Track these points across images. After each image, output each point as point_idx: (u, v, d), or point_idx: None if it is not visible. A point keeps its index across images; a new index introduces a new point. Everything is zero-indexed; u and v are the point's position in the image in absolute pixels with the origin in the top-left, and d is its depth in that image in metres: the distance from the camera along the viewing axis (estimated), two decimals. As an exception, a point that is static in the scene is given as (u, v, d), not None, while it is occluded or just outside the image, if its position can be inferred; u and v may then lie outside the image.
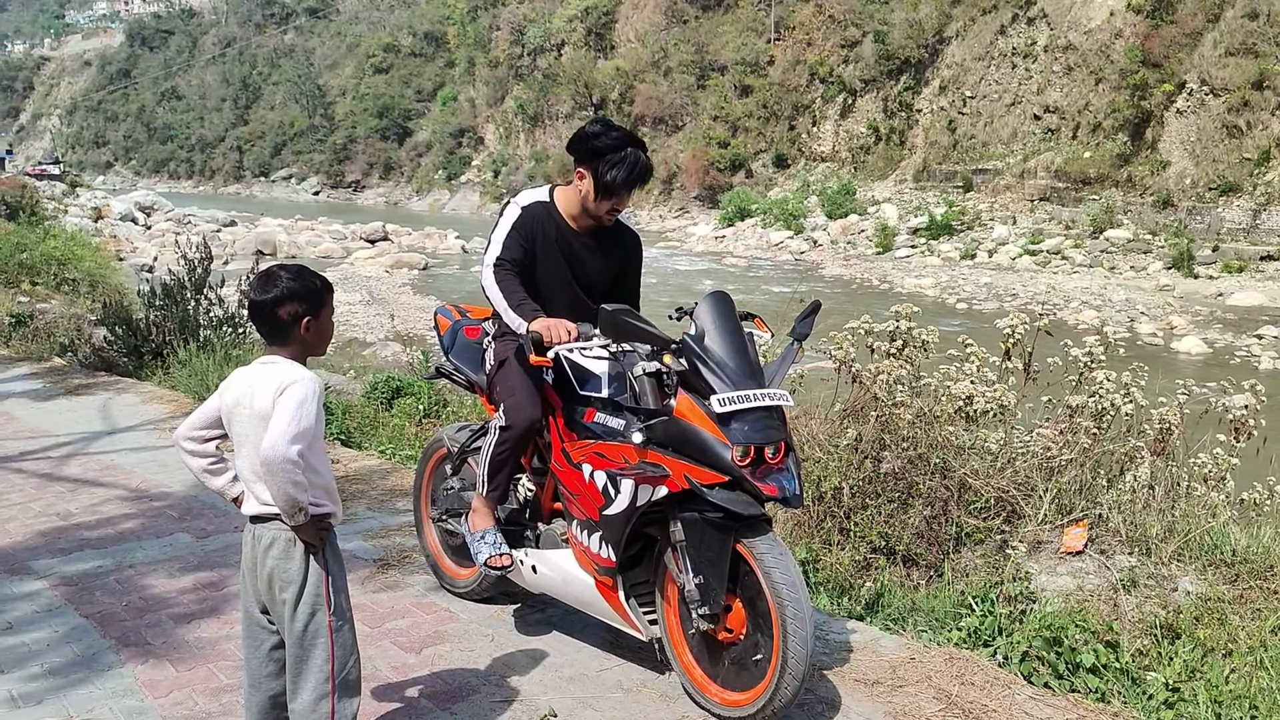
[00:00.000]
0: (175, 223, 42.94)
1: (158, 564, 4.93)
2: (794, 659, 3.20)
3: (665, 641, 3.64)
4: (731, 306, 3.58)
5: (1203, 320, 23.80)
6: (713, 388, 3.34)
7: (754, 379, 3.41)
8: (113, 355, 10.40)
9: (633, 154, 3.83)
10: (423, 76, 78.44)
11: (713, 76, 54.14)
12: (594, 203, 3.91)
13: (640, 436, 3.40)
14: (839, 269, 34.37)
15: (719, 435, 3.29)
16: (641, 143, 3.91)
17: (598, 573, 3.66)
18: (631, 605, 3.66)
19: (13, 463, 6.82)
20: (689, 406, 3.37)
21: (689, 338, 3.46)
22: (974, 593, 4.25)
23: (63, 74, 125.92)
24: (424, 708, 3.54)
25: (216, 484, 2.91)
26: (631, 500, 3.46)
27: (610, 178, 3.82)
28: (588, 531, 3.66)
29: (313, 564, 2.80)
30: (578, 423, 3.75)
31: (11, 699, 3.59)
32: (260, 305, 2.80)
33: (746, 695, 3.39)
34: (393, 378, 8.29)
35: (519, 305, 3.71)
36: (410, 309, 24.26)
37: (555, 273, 3.98)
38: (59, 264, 17.38)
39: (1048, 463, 4.93)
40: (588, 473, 3.63)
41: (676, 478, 3.33)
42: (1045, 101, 39.28)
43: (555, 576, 3.88)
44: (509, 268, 3.81)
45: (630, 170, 3.83)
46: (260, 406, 2.73)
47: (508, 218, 3.93)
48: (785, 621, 3.21)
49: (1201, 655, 3.74)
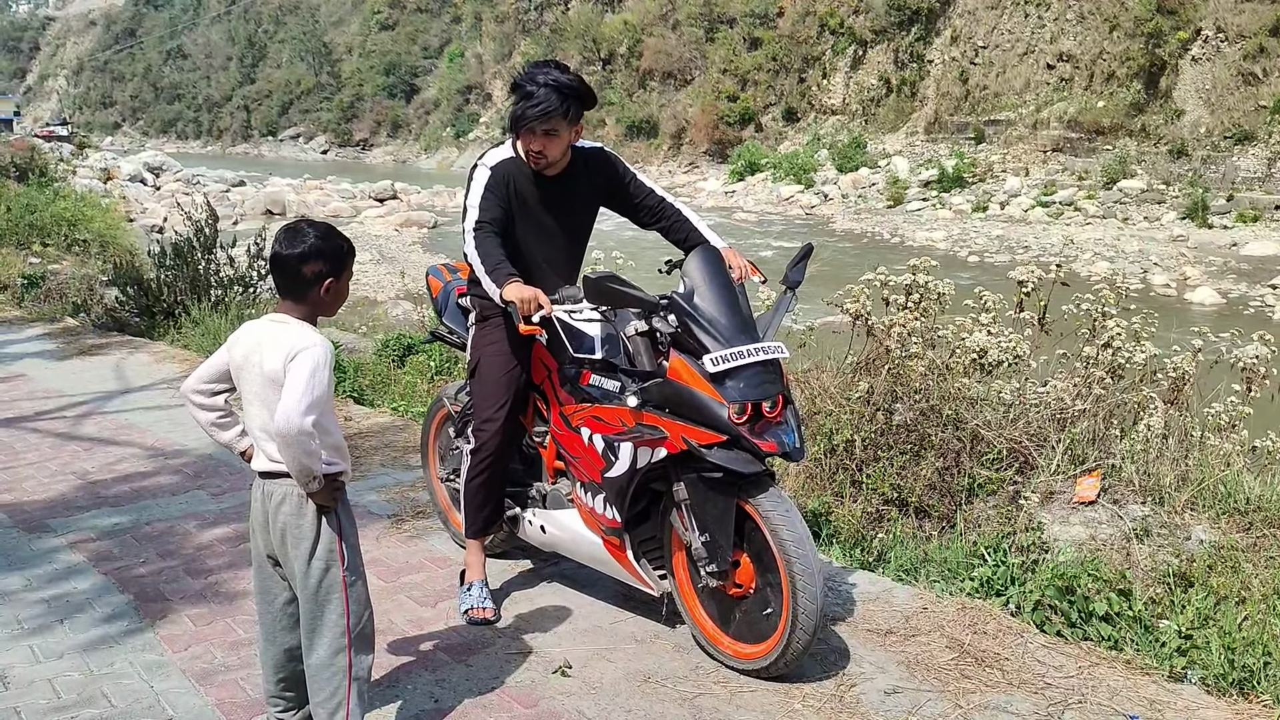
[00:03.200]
0: (184, 183, 42.82)
1: (174, 521, 4.97)
2: (804, 613, 3.22)
3: (676, 595, 3.66)
4: (721, 261, 3.54)
5: (1216, 271, 23.61)
6: (705, 346, 3.32)
7: (747, 334, 3.38)
8: (125, 315, 10.43)
9: (542, 90, 3.61)
10: (429, 33, 77.79)
11: (721, 29, 53.53)
12: (515, 140, 3.78)
13: (635, 400, 3.40)
14: (849, 223, 34.16)
15: (714, 394, 3.26)
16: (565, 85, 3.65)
17: (604, 533, 3.67)
18: (642, 564, 3.67)
19: (29, 423, 6.86)
20: (682, 367, 3.35)
21: (678, 296, 3.42)
22: (986, 543, 4.26)
23: (68, 34, 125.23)
24: (440, 660, 3.58)
25: (224, 437, 2.92)
26: (631, 463, 3.46)
27: (516, 110, 3.68)
28: (591, 493, 3.66)
29: (325, 520, 2.82)
30: (574, 385, 3.72)
31: (32, 654, 3.64)
32: (285, 259, 2.76)
33: (759, 647, 3.42)
34: (404, 335, 8.31)
35: (494, 269, 3.57)
36: (420, 267, 24.02)
37: (536, 224, 3.88)
38: (69, 225, 17.34)
39: (1060, 413, 4.92)
40: (586, 436, 3.63)
41: (674, 439, 3.33)
42: (1058, 50, 38.76)
43: (564, 536, 3.89)
44: (488, 229, 3.69)
45: (533, 104, 3.61)
46: (270, 368, 2.72)
47: (479, 180, 3.78)
48: (794, 577, 3.22)
49: (1215, 603, 3.75)
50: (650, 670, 3.52)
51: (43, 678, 3.47)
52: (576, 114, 3.72)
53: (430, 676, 3.47)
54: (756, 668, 3.42)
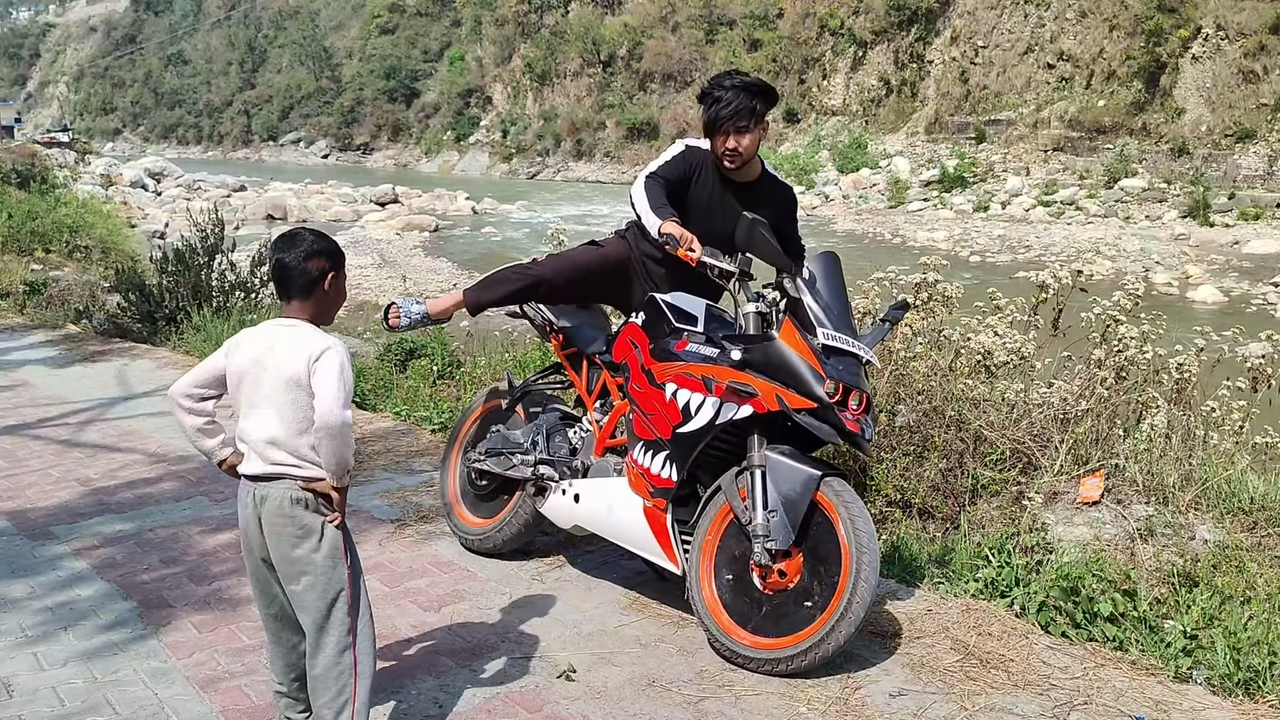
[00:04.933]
0: (185, 189, 42.84)
1: (177, 527, 4.97)
2: (858, 604, 3.31)
3: (695, 585, 3.66)
4: (840, 268, 3.79)
5: (1219, 269, 23.60)
6: (819, 323, 3.55)
7: (851, 331, 3.62)
8: (127, 321, 10.43)
9: (729, 92, 3.93)
10: (429, 36, 77.78)
11: (721, 31, 53.59)
12: (711, 145, 4.06)
13: (739, 354, 3.58)
14: (851, 224, 34.16)
15: (817, 366, 3.47)
16: (750, 84, 3.98)
17: (651, 494, 3.75)
18: (674, 534, 3.74)
19: (32, 429, 6.86)
20: (792, 334, 3.55)
21: (802, 279, 3.68)
22: (990, 544, 4.25)
23: (69, 40, 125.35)
24: (444, 665, 3.58)
25: (207, 445, 2.94)
26: (712, 418, 3.59)
27: (709, 115, 3.98)
28: (653, 452, 3.75)
29: (326, 518, 2.84)
30: (667, 351, 3.83)
31: (37, 662, 3.64)
32: (289, 262, 2.83)
33: (784, 640, 3.43)
34: (406, 340, 8.29)
35: (659, 207, 3.92)
36: (422, 271, 24.20)
37: (700, 214, 4.12)
38: (71, 231, 17.36)
39: (1064, 414, 4.91)
40: (670, 390, 3.72)
41: (766, 398, 3.48)
42: (1059, 49, 38.76)
43: (599, 505, 3.97)
44: (659, 182, 4.05)
45: (724, 106, 3.92)
46: (290, 371, 2.74)
47: (673, 149, 4.17)
48: (859, 568, 3.31)
49: (1220, 603, 3.74)
50: (655, 674, 3.51)
51: (47, 685, 3.47)
52: (764, 110, 4.00)
53: (434, 681, 3.47)
54: (781, 657, 3.42)
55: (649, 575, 4.23)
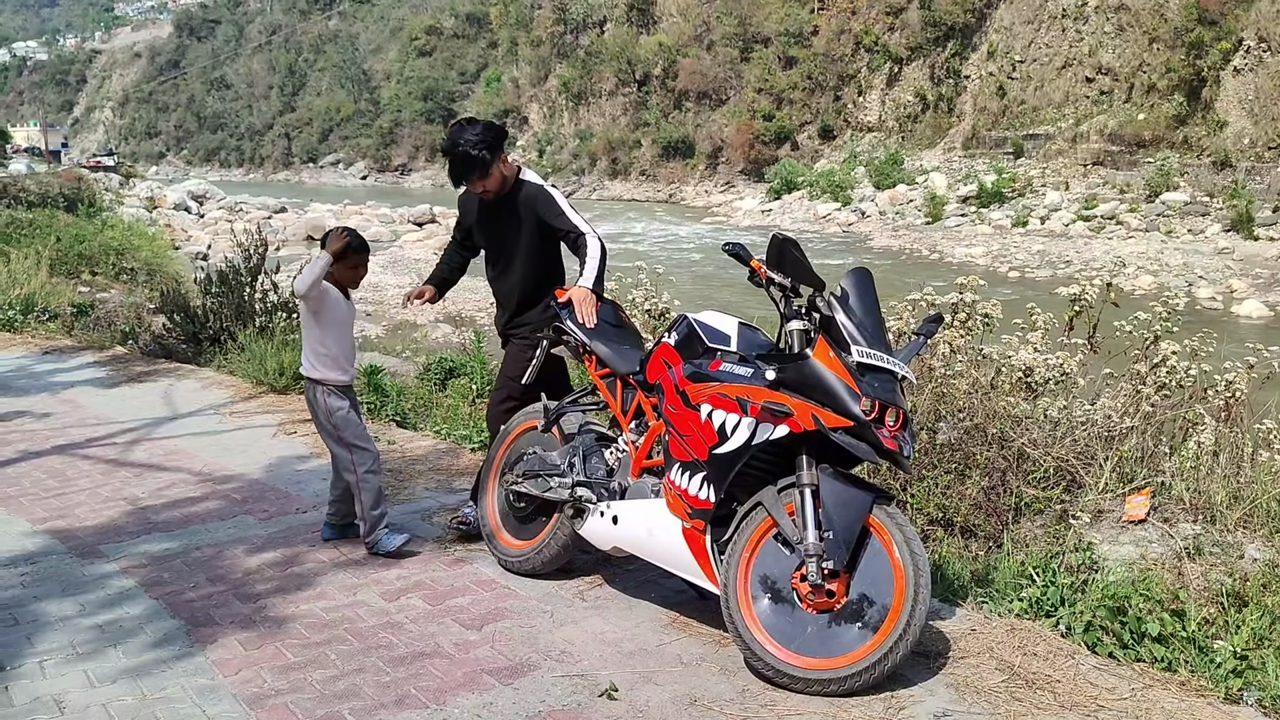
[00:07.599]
0: (227, 210, 43.50)
1: (224, 546, 5.02)
2: (915, 626, 3.32)
3: (732, 602, 3.64)
4: (873, 284, 3.77)
5: (1264, 283, 23.26)
6: (854, 340, 3.53)
7: (885, 347, 3.60)
8: (172, 342, 10.57)
9: (454, 159, 4.60)
10: (466, 58, 78.66)
11: (756, 49, 53.69)
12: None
13: (774, 374, 3.58)
14: (888, 240, 34.03)
15: (852, 384, 3.45)
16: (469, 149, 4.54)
17: (689, 515, 3.76)
18: (713, 553, 3.75)
19: (80, 449, 6.97)
20: (825, 353, 3.54)
21: (835, 297, 3.66)
22: (1035, 563, 4.21)
23: (114, 66, 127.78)
24: (487, 683, 3.59)
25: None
26: (748, 439, 3.58)
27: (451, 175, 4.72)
28: (690, 473, 3.76)
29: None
30: (701, 372, 3.85)
31: (87, 679, 3.69)
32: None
33: (835, 660, 3.41)
34: (445, 359, 8.36)
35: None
36: (460, 290, 24.13)
37: (481, 239, 4.98)
38: (117, 254, 17.68)
39: (1108, 431, 4.87)
40: (705, 411, 3.73)
41: (802, 417, 3.47)
42: (1097, 63, 38.50)
43: (638, 527, 3.98)
44: (455, 239, 5.25)
45: (454, 169, 4.64)
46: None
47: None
48: (916, 589, 3.32)
49: (1270, 622, 3.68)
50: (697, 693, 3.50)
51: (97, 702, 3.52)
52: (493, 156, 4.56)
53: (476, 699, 3.48)
54: (831, 678, 3.39)
55: (689, 594, 4.22)
